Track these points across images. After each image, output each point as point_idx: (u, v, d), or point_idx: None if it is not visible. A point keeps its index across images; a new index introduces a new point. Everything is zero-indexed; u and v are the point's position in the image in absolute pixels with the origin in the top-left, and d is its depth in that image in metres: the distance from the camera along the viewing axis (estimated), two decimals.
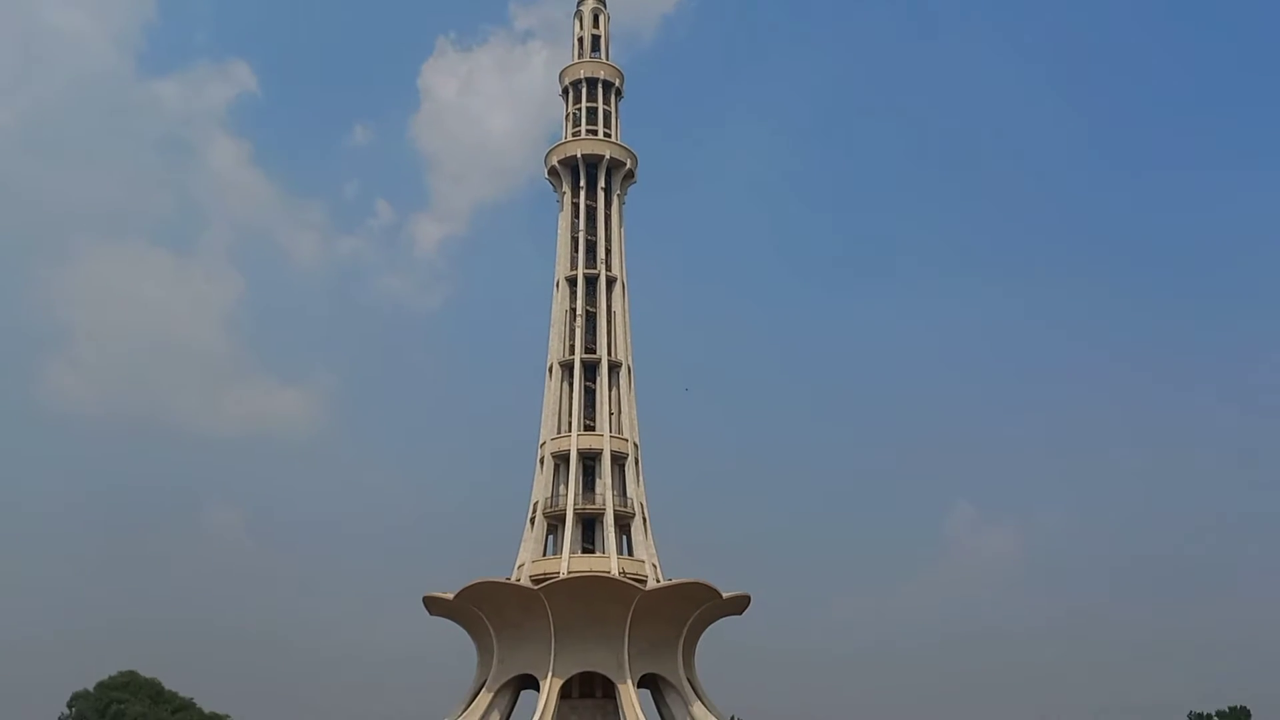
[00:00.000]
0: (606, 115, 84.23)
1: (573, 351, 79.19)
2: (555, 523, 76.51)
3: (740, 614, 78.12)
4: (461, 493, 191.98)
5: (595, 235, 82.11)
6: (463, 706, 73.06)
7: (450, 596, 72.60)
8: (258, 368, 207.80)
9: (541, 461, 77.96)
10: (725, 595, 73.48)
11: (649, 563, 75.40)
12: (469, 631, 75.75)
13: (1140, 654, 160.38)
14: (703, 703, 72.64)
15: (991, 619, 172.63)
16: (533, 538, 76.32)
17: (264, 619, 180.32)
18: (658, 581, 73.42)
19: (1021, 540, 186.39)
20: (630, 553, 76.10)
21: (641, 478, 78.38)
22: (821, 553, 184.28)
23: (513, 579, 74.07)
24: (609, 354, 79.31)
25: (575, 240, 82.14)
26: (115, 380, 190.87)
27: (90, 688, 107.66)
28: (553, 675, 69.62)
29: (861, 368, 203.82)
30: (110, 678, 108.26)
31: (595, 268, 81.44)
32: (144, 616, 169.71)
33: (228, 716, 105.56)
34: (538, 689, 70.98)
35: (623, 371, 79.49)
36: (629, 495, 76.89)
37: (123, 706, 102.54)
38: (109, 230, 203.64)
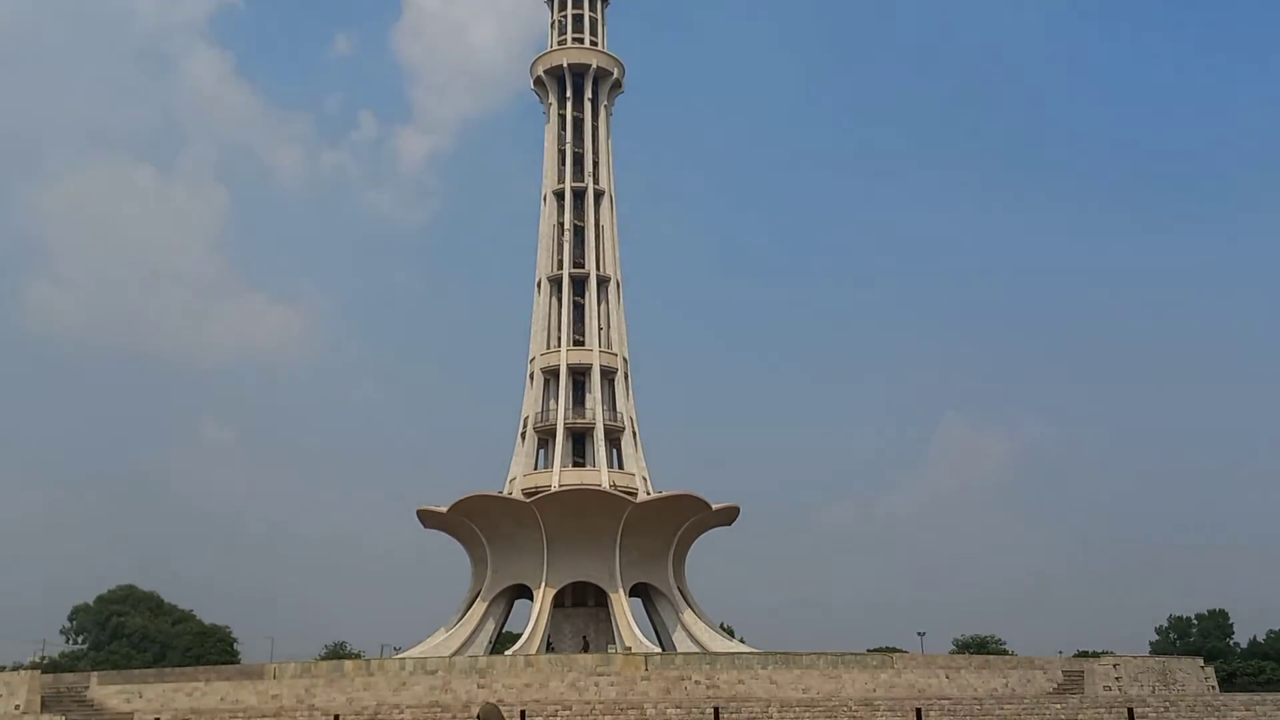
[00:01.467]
0: (593, 22, 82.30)
1: (561, 266, 78.67)
2: (546, 437, 77.04)
3: (729, 525, 79.35)
4: (452, 408, 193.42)
5: (582, 148, 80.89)
6: (458, 615, 74.49)
7: (444, 510, 73.41)
8: (245, 286, 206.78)
9: (531, 377, 78.13)
10: (714, 507, 74.45)
11: (639, 476, 76.18)
12: (463, 543, 76.82)
13: (1124, 560, 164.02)
14: (693, 610, 74.20)
15: (979, 528, 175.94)
16: (524, 452, 76.93)
17: (260, 534, 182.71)
18: (648, 494, 74.27)
19: (1009, 450, 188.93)
20: (620, 466, 76.81)
21: (631, 392, 78.68)
22: (809, 463, 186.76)
23: (504, 492, 74.84)
24: (597, 269, 78.82)
25: (562, 153, 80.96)
26: (101, 300, 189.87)
27: (90, 601, 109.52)
28: (545, 585, 70.90)
29: (853, 274, 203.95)
30: (110, 591, 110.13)
31: (583, 181, 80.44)
32: (142, 533, 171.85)
33: (227, 627, 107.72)
34: (531, 598, 72.36)
35: (611, 286, 79.14)
36: (619, 410, 77.27)
37: (123, 619, 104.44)
38: (88, 146, 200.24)
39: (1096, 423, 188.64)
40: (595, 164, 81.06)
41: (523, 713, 16.83)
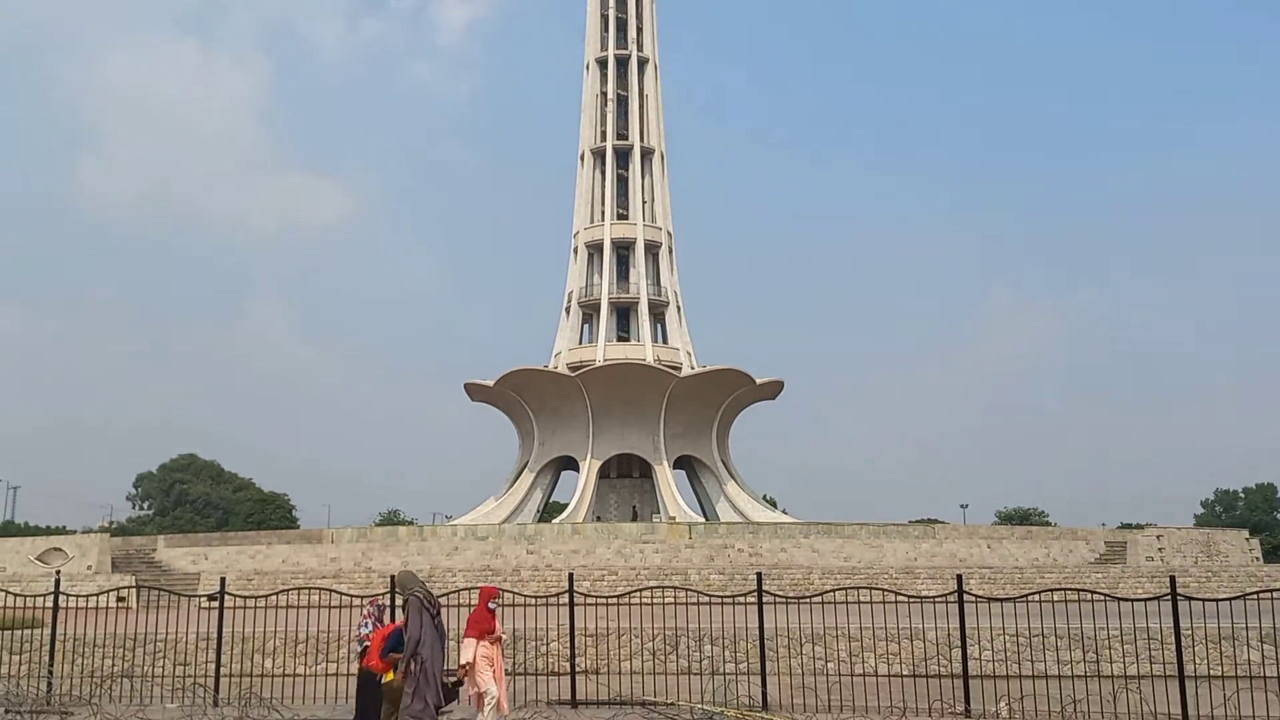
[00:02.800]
0: None
1: (604, 138, 77.32)
2: (590, 312, 77.17)
3: (773, 399, 79.66)
4: (498, 282, 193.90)
5: (625, 12, 78.51)
6: (507, 485, 76.24)
7: (490, 383, 74.36)
8: (290, 160, 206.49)
9: (575, 251, 77.80)
10: (758, 381, 74.66)
11: (683, 350, 76.36)
12: (509, 416, 78.04)
13: (1171, 433, 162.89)
14: (736, 482, 75.25)
15: (1024, 400, 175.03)
16: (568, 326, 77.26)
17: (314, 406, 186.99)
18: (692, 368, 74.55)
19: (1057, 321, 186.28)
20: (665, 341, 76.98)
21: (675, 266, 78.21)
22: (854, 337, 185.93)
23: (550, 366, 75.51)
24: (641, 140, 77.39)
25: (604, 18, 78.70)
26: (148, 175, 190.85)
27: (154, 469, 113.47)
28: (591, 457, 72.10)
29: (903, 138, 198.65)
30: (172, 460, 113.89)
31: (626, 48, 78.30)
32: (200, 404, 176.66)
33: (285, 495, 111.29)
34: (577, 470, 73.75)
35: (655, 158, 77.81)
36: (663, 284, 76.97)
37: (186, 486, 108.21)
38: (130, 21, 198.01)
39: (1146, 294, 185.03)
40: (639, 29, 78.77)
41: (570, 575, 17.19)
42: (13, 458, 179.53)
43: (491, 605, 12.40)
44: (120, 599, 28.41)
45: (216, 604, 16.23)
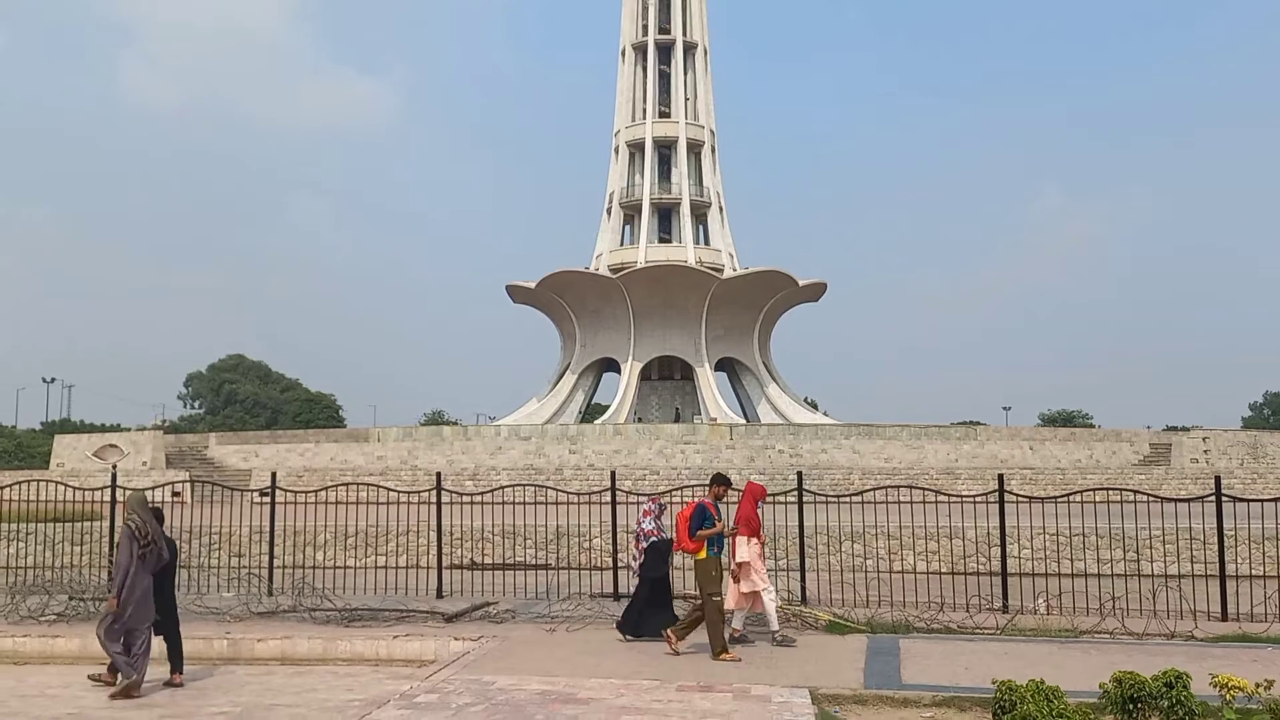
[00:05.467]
0: None
1: (645, 32, 75.52)
2: (631, 213, 76.55)
3: (816, 301, 79.10)
4: (539, 182, 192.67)
5: None
6: (549, 386, 76.94)
7: (532, 285, 74.46)
8: (332, 58, 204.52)
9: (616, 151, 76.82)
10: (801, 283, 74.04)
11: (725, 252, 75.74)
12: (551, 318, 78.31)
13: (1219, 337, 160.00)
14: (777, 384, 75.30)
15: (1071, 303, 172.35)
16: (609, 228, 76.78)
17: (359, 307, 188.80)
18: (734, 270, 74.03)
19: (1106, 223, 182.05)
20: (707, 242, 76.33)
21: (718, 166, 77.06)
22: (899, 237, 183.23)
23: (591, 268, 75.33)
24: (684, 34, 75.47)
25: None
26: (190, 73, 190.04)
27: (203, 369, 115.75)
28: (633, 359, 72.37)
29: (953, 35, 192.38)
30: (220, 360, 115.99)
31: None
32: (247, 303, 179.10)
33: (332, 395, 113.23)
34: (619, 372, 74.13)
35: (698, 53, 75.98)
36: (705, 184, 75.99)
37: (235, 386, 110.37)
38: None
39: (1199, 196, 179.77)
40: None
41: (613, 473, 17.39)
42: (67, 358, 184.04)
43: (760, 504, 12.02)
44: (175, 493, 29.23)
45: (269, 498, 16.64)
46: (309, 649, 12.01)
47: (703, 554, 11.31)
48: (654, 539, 12.24)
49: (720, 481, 11.99)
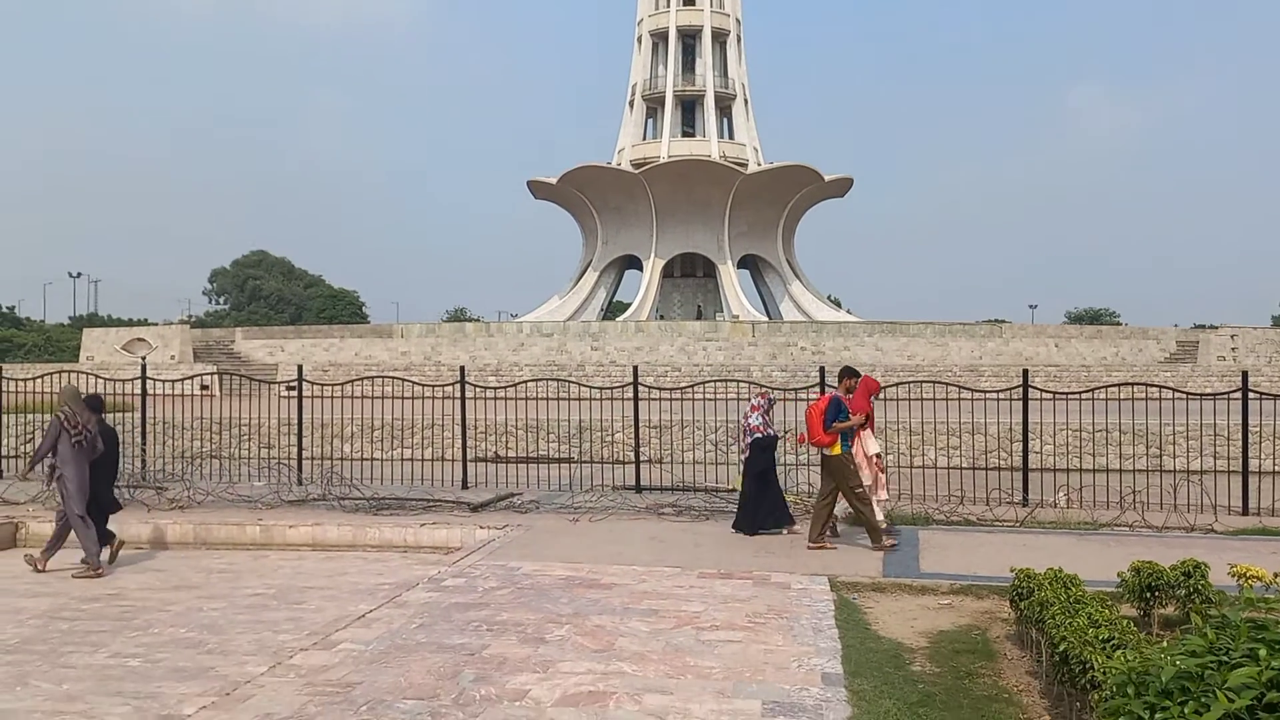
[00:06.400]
0: None
1: None
2: (654, 106, 75.17)
3: (842, 197, 78.05)
4: (561, 76, 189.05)
5: None
6: (571, 284, 76.81)
7: (553, 181, 73.70)
8: None
9: (639, 40, 75.05)
10: (827, 178, 72.93)
11: (750, 146, 74.52)
12: (573, 214, 77.73)
13: (1250, 235, 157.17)
14: (801, 282, 74.86)
15: (1101, 201, 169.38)
16: (632, 121, 75.53)
17: (381, 203, 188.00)
18: (758, 165, 72.92)
19: (1140, 121, 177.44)
20: (731, 136, 75.04)
21: (743, 56, 75.24)
22: (928, 130, 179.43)
23: (613, 163, 74.38)
24: None
25: None
26: None
27: (228, 265, 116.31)
28: (655, 256, 71.98)
29: None
30: (244, 256, 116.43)
31: None
32: (268, 199, 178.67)
33: (355, 291, 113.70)
34: (641, 269, 73.82)
35: None
36: (730, 75, 74.32)
37: (259, 282, 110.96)
38: None
39: (1238, 90, 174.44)
40: None
41: (635, 368, 17.46)
42: (92, 253, 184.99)
43: (874, 398, 11.60)
44: (204, 386, 29.67)
45: (296, 392, 16.83)
46: (339, 535, 12.29)
47: (836, 449, 11.01)
48: (759, 435, 11.88)
49: (849, 374, 11.62)
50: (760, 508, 11.82)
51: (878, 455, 11.61)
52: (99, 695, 6.58)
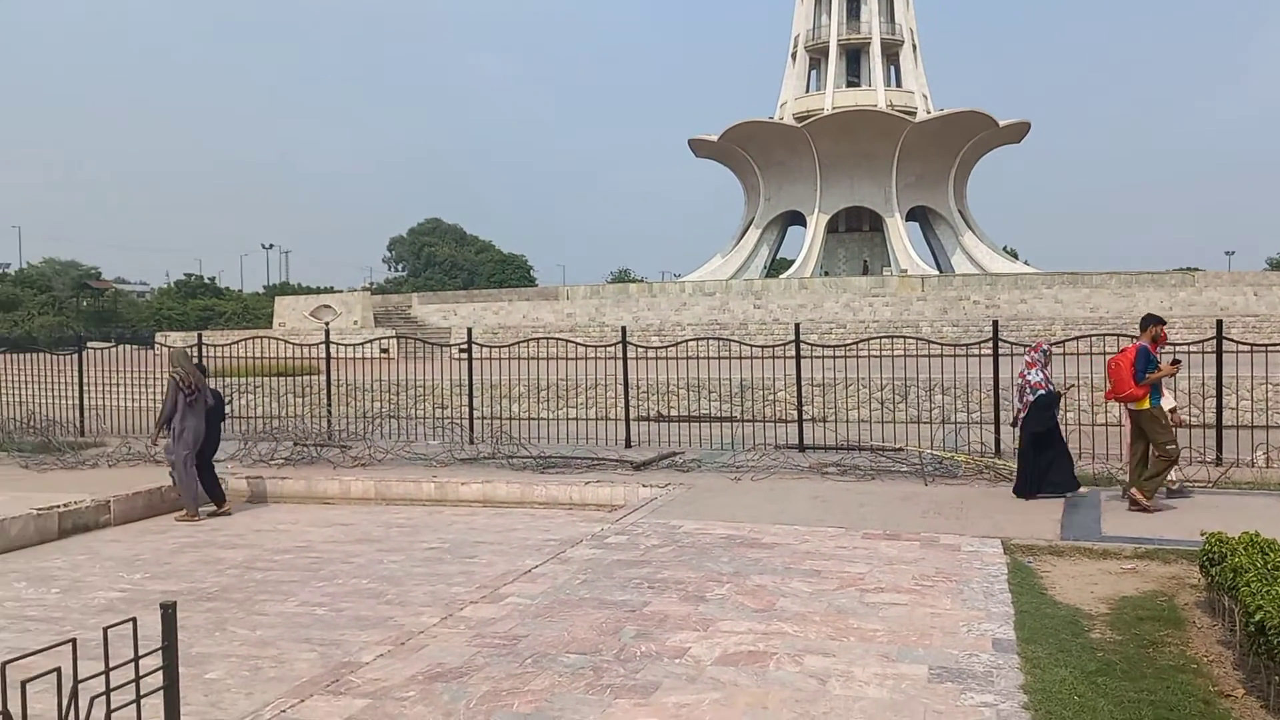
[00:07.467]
0: None
1: None
2: (818, 57, 73.45)
3: (1018, 143, 74.52)
4: (722, 32, 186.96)
5: None
6: (733, 242, 76.36)
7: (715, 138, 73.19)
8: None
9: None
10: (1001, 123, 69.72)
11: (918, 93, 71.94)
12: (735, 172, 77.05)
13: None
14: (974, 233, 72.06)
15: None
16: (794, 74, 74.08)
17: (546, 169, 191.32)
18: (928, 113, 70.33)
19: None
20: (898, 84, 72.61)
21: (911, 0, 72.55)
22: (1109, 69, 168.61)
23: (775, 118, 73.21)
24: None
25: None
26: None
27: (404, 234, 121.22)
28: (819, 211, 70.66)
29: None
30: (419, 224, 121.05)
31: None
32: (440, 169, 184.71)
33: (523, 256, 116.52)
34: (804, 225, 72.63)
35: None
36: (897, 20, 71.77)
37: (433, 249, 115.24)
38: None
39: None
40: None
41: (797, 325, 17.23)
42: (283, 225, 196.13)
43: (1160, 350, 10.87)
44: (383, 350, 31.08)
45: (466, 354, 17.41)
46: (508, 493, 12.67)
47: (1146, 402, 10.34)
48: (1040, 392, 11.15)
49: (1155, 321, 10.85)
50: (1037, 469, 11.12)
51: (1173, 410, 10.84)
52: (288, 641, 7.02)
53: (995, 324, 15.74)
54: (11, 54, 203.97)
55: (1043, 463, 11.14)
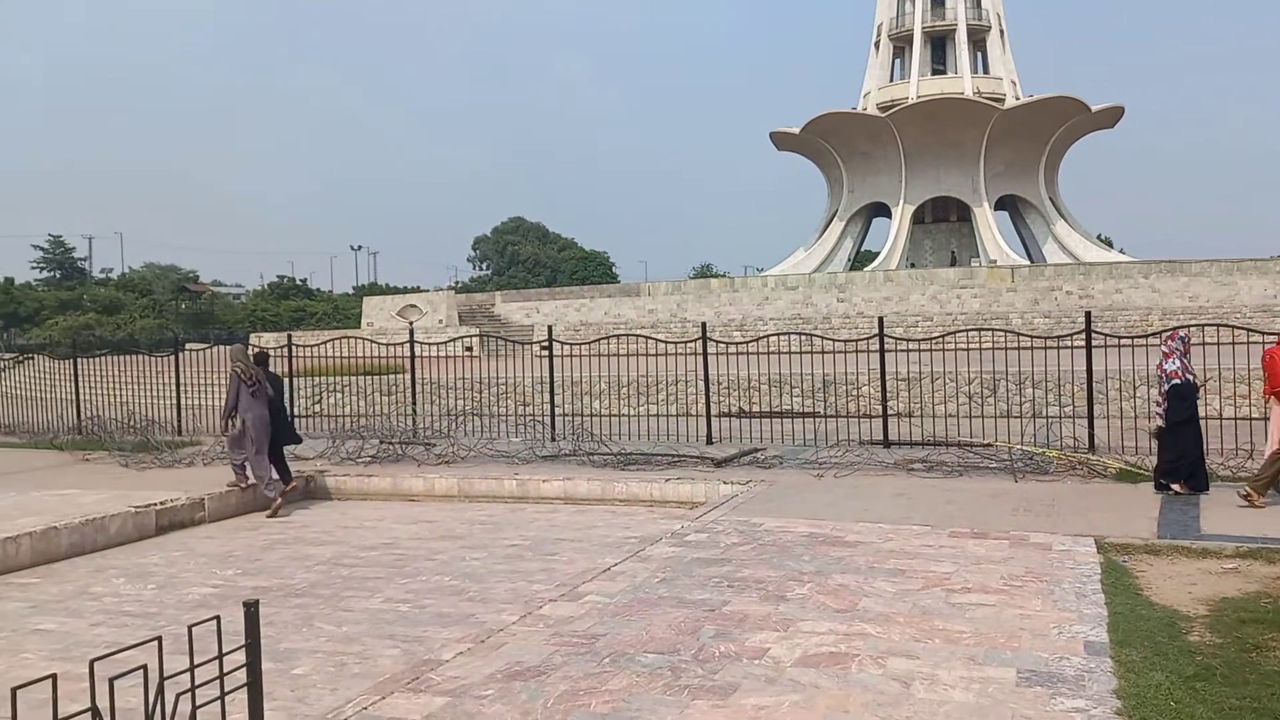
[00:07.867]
0: None
1: None
2: (901, 45, 72.20)
3: (1111, 128, 72.23)
4: (803, 22, 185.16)
5: None
6: (816, 235, 75.54)
7: (797, 130, 72.48)
8: None
9: None
10: (1093, 108, 67.64)
11: (1006, 80, 70.21)
12: (817, 164, 76.21)
13: None
14: (1066, 222, 70.11)
15: None
16: (877, 63, 72.95)
17: (626, 162, 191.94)
18: (1016, 99, 68.60)
19: None
20: (985, 71, 70.96)
21: None
22: (1200, 53, 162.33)
23: (858, 108, 72.20)
24: None
25: None
26: None
27: (488, 232, 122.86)
28: (904, 202, 69.48)
29: None
30: (503, 223, 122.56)
31: None
32: (523, 168, 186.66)
33: (605, 252, 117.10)
34: (889, 216, 71.51)
35: None
36: (983, 6, 70.15)
37: (516, 247, 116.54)
38: None
39: None
40: None
41: (880, 319, 16.94)
42: (371, 227, 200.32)
43: None
44: (467, 348, 31.49)
45: (548, 351, 17.52)
46: (588, 490, 12.71)
47: None
48: (1175, 381, 10.79)
49: None
50: (1181, 462, 10.76)
51: None
52: (373, 638, 7.14)
53: (1088, 315, 15.24)
54: (119, 71, 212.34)
55: (1167, 453, 10.78)
